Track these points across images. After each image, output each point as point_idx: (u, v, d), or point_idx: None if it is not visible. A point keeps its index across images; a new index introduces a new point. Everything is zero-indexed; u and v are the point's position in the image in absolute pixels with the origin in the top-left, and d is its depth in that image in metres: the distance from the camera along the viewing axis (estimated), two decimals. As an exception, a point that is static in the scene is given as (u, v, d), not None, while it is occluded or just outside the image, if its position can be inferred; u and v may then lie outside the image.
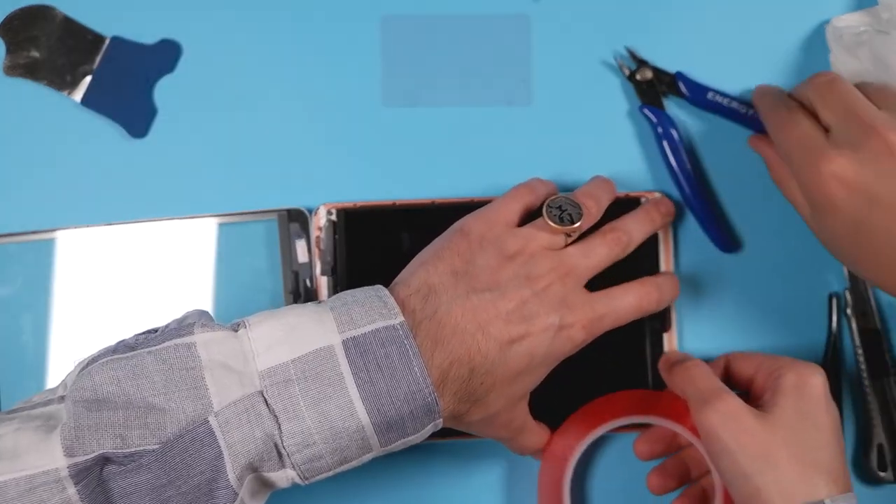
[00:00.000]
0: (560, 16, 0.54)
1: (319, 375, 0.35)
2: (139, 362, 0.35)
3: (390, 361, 0.36)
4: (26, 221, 0.52)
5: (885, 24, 0.50)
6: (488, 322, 0.40)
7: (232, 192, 0.53)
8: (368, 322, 0.37)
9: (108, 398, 0.34)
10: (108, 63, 0.53)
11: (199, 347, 0.36)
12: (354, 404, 0.35)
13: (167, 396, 0.34)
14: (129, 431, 0.34)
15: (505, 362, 0.40)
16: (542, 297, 0.41)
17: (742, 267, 0.53)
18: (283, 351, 0.36)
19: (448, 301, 0.40)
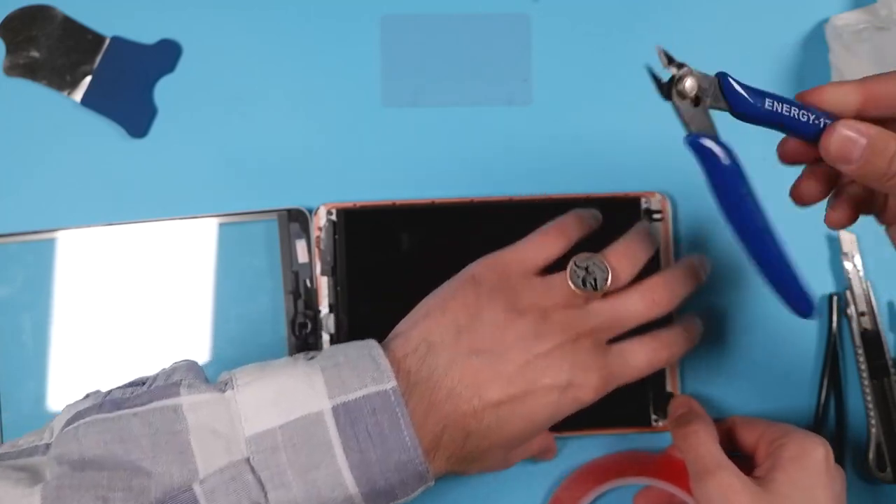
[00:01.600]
0: (560, 15, 0.54)
1: (308, 443, 0.34)
2: (125, 425, 0.34)
3: (381, 430, 0.35)
4: (26, 221, 0.52)
5: (885, 20, 0.50)
6: (486, 385, 0.38)
7: (232, 192, 0.53)
8: (360, 386, 0.36)
9: (94, 460, 0.34)
10: (108, 63, 0.53)
11: (186, 410, 0.34)
12: (343, 474, 0.34)
13: (154, 460, 0.33)
14: (112, 493, 0.33)
15: (501, 427, 0.38)
16: (550, 358, 0.39)
17: (742, 265, 0.53)
18: (271, 416, 0.35)
19: (446, 362, 0.38)
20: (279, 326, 0.52)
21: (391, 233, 0.51)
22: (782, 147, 0.40)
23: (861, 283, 0.52)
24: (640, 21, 0.54)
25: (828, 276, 0.53)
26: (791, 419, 0.53)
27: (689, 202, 0.53)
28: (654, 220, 0.52)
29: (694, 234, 0.53)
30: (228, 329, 0.52)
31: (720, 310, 0.53)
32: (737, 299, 0.53)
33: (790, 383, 0.53)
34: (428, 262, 0.51)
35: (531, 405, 0.38)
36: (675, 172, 0.53)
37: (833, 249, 0.53)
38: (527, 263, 0.42)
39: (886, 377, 0.51)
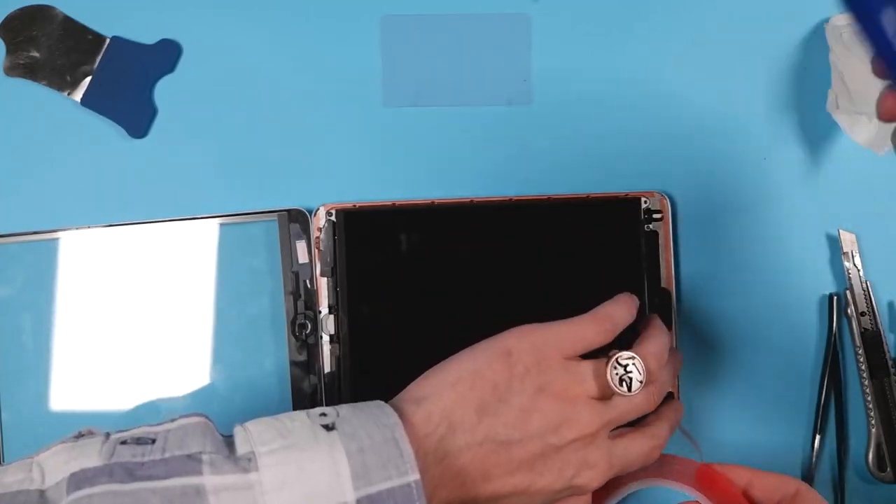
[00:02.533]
0: (560, 15, 0.54)
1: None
2: (143, 497, 0.32)
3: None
4: (26, 222, 0.52)
5: (885, 22, 0.50)
6: (494, 471, 0.38)
7: (232, 192, 0.53)
8: (384, 479, 0.35)
9: None
10: (108, 63, 0.53)
11: (209, 493, 0.33)
12: None
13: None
14: None
15: None
16: (564, 453, 0.40)
17: (742, 266, 0.53)
18: (294, 493, 0.34)
19: (462, 445, 0.38)
20: (279, 327, 0.52)
21: (391, 233, 0.51)
22: (884, 104, 0.39)
23: (861, 283, 0.52)
24: (640, 21, 0.54)
25: (828, 276, 0.53)
26: (791, 419, 0.53)
27: (689, 202, 0.53)
28: (654, 220, 0.52)
29: (694, 235, 0.53)
30: (229, 329, 0.52)
31: (720, 311, 0.53)
32: (737, 300, 0.53)
33: (790, 383, 0.53)
34: (428, 262, 0.52)
35: (532, 494, 0.39)
36: (674, 172, 0.53)
37: (833, 249, 0.53)
38: (567, 349, 0.41)
39: (886, 377, 0.51)
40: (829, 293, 0.53)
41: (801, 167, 0.54)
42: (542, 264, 0.52)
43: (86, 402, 0.52)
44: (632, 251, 0.52)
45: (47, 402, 0.52)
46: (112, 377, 0.52)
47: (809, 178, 0.54)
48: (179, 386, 0.52)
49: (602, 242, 0.52)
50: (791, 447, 0.53)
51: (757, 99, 0.54)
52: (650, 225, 0.52)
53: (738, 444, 0.52)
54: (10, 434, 0.51)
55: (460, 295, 0.52)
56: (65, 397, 0.52)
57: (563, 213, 0.52)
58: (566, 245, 0.52)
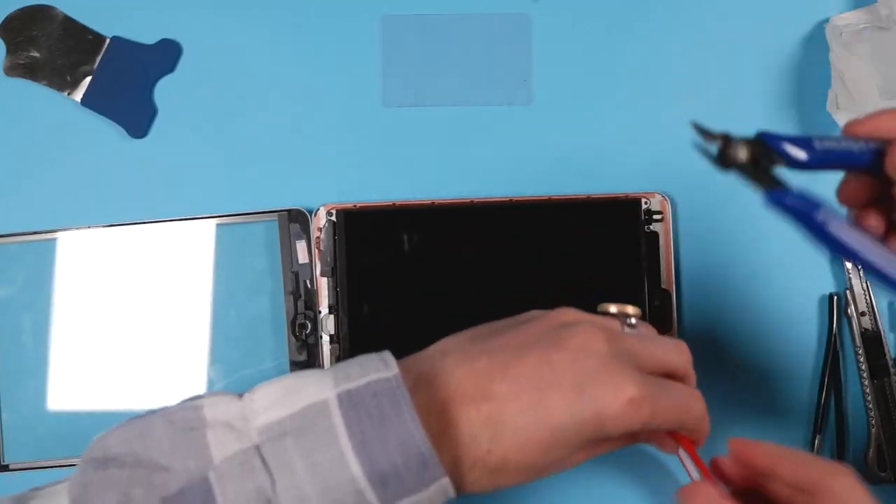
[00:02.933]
0: (560, 15, 0.54)
1: (313, 428, 0.35)
2: (148, 423, 0.36)
3: (381, 410, 0.35)
4: (26, 221, 0.52)
5: (885, 20, 0.50)
6: (493, 381, 0.36)
7: (232, 192, 0.53)
8: (363, 375, 0.36)
9: (116, 457, 0.35)
10: (108, 63, 0.53)
11: (206, 409, 0.36)
12: (345, 454, 0.34)
13: (172, 456, 0.35)
14: (133, 489, 0.34)
15: (514, 428, 0.36)
16: (572, 358, 0.37)
17: (742, 266, 0.53)
18: (280, 409, 0.36)
19: (455, 362, 0.37)
20: (279, 327, 0.52)
21: (391, 233, 0.51)
22: (842, 192, 0.40)
23: (861, 283, 0.52)
24: (640, 21, 0.54)
25: (828, 276, 0.53)
26: (791, 419, 0.53)
27: (689, 203, 0.53)
28: (655, 221, 0.52)
29: (694, 235, 0.53)
30: (228, 329, 0.52)
31: (720, 311, 0.53)
32: (737, 300, 0.53)
33: (790, 383, 0.53)
34: (428, 262, 0.52)
35: (544, 406, 0.36)
36: (675, 173, 0.53)
37: (833, 249, 0.53)
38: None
39: (886, 377, 0.51)
40: (829, 293, 0.53)
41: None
42: (543, 265, 0.52)
43: (86, 402, 0.52)
44: (632, 252, 0.52)
45: (47, 401, 0.52)
46: (112, 377, 0.52)
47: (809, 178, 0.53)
48: (179, 386, 0.52)
49: (602, 243, 0.52)
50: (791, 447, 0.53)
51: (757, 99, 0.54)
52: (650, 226, 0.52)
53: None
54: (9, 434, 0.51)
55: (460, 295, 0.52)
56: (65, 397, 0.52)
57: (563, 214, 0.52)
58: (566, 245, 0.52)
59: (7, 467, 0.51)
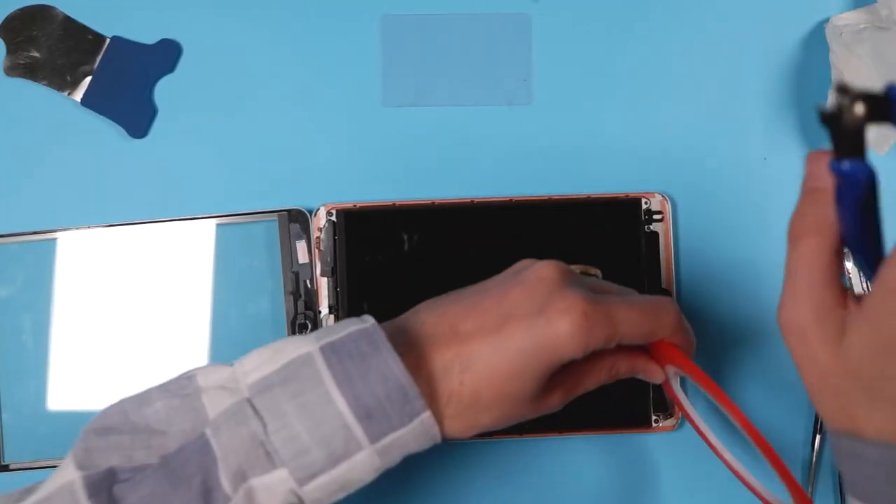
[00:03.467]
0: (560, 15, 0.54)
1: (298, 375, 0.37)
2: (145, 395, 0.38)
3: (360, 350, 0.37)
4: (26, 221, 0.52)
5: (885, 20, 0.50)
6: (460, 320, 0.39)
7: (232, 192, 0.53)
8: (343, 330, 0.38)
9: (115, 426, 0.37)
10: (108, 63, 0.53)
11: (198, 377, 0.39)
12: (331, 392, 0.36)
13: (169, 422, 0.37)
14: (134, 452, 0.37)
15: (484, 359, 0.38)
16: (527, 290, 0.39)
17: (742, 266, 0.53)
18: (267, 367, 0.38)
19: (426, 312, 0.40)
20: (279, 327, 0.52)
21: (391, 233, 0.51)
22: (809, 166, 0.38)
23: (861, 282, 0.52)
24: (640, 21, 0.54)
25: (828, 276, 0.53)
26: (791, 419, 0.53)
27: (689, 203, 0.53)
28: (655, 221, 0.52)
29: (694, 235, 0.53)
30: (228, 330, 0.52)
31: (720, 311, 0.53)
32: (737, 301, 0.53)
33: (790, 383, 0.53)
34: (428, 262, 0.52)
35: (505, 332, 0.38)
36: (675, 173, 0.53)
37: (833, 249, 0.53)
38: None
39: (886, 377, 0.51)
40: (829, 293, 0.53)
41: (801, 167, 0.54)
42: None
43: (86, 402, 0.52)
44: (632, 252, 0.52)
45: (47, 401, 0.52)
46: (112, 377, 0.52)
47: (809, 179, 0.54)
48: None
49: (602, 243, 0.52)
50: (791, 447, 0.53)
51: (757, 99, 0.54)
52: (650, 226, 0.52)
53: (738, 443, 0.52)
54: (10, 434, 0.51)
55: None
56: (65, 397, 0.52)
57: (563, 214, 0.52)
58: (567, 245, 0.52)
59: (7, 467, 0.51)
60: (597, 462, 0.53)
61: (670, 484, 0.53)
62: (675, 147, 0.54)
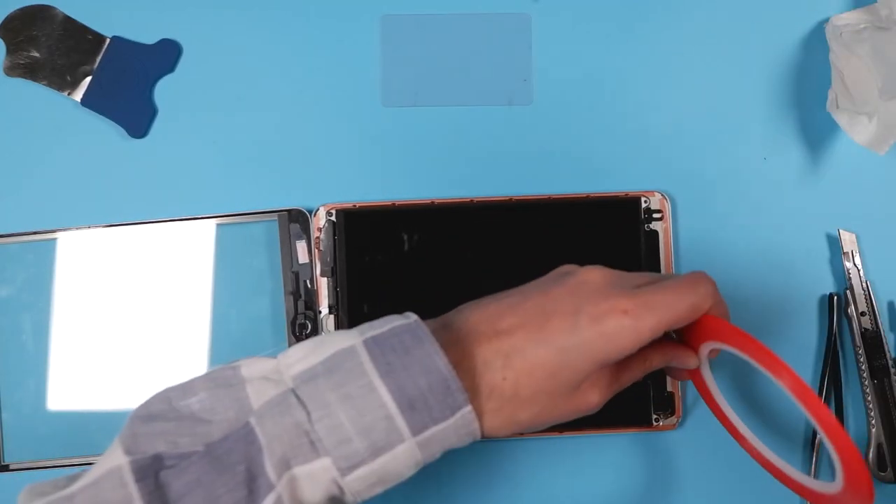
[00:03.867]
0: (560, 15, 0.54)
1: (341, 367, 0.37)
2: (190, 384, 0.39)
3: (403, 344, 0.38)
4: (26, 221, 0.52)
5: (885, 20, 0.51)
6: (500, 317, 0.40)
7: (232, 192, 0.53)
8: (385, 325, 0.39)
9: (161, 414, 0.38)
10: (108, 63, 0.53)
11: (242, 368, 0.39)
12: (374, 382, 0.37)
13: (213, 411, 0.38)
14: (180, 439, 0.37)
15: (523, 355, 0.39)
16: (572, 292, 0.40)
17: (742, 265, 0.53)
18: (311, 358, 0.38)
19: (468, 310, 0.41)
20: (279, 327, 0.52)
21: (391, 233, 0.51)
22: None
23: (861, 283, 0.52)
24: (640, 21, 0.54)
25: (828, 276, 0.53)
26: (791, 419, 0.53)
27: (688, 201, 0.53)
28: (654, 220, 0.52)
29: (693, 234, 0.53)
30: (229, 330, 0.52)
31: (720, 310, 0.53)
32: (736, 299, 0.53)
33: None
34: (428, 262, 0.52)
35: (548, 329, 0.39)
36: (675, 172, 0.53)
37: (833, 249, 0.53)
38: None
39: (886, 377, 0.51)
40: (829, 293, 0.53)
41: (801, 167, 0.54)
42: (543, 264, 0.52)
43: (86, 402, 0.52)
44: (632, 250, 0.52)
45: (47, 401, 0.52)
46: (112, 377, 0.52)
47: (809, 178, 0.54)
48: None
49: (602, 242, 0.52)
50: (791, 447, 0.53)
51: (757, 99, 0.54)
52: (650, 224, 0.52)
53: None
54: (10, 434, 0.51)
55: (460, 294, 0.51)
56: (65, 397, 0.52)
57: (563, 213, 0.52)
58: (566, 244, 0.52)
59: (7, 467, 0.51)
60: (597, 461, 0.53)
61: (671, 483, 0.53)
62: (676, 147, 0.54)
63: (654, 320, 0.39)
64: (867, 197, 0.53)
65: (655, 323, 0.39)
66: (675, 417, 0.52)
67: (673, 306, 0.40)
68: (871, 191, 0.53)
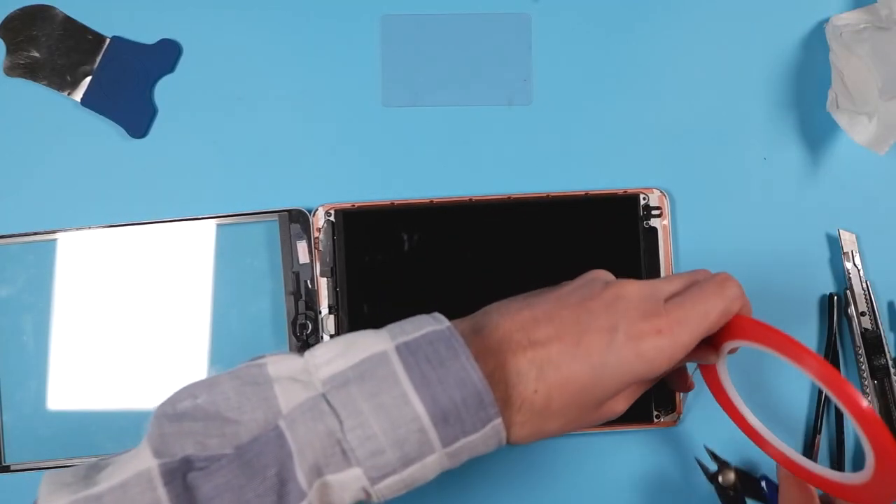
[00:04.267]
0: (560, 15, 0.54)
1: (374, 374, 0.37)
2: (215, 380, 0.38)
3: (438, 355, 0.37)
4: (26, 222, 0.52)
5: (885, 20, 0.51)
6: (536, 326, 0.39)
7: (232, 192, 0.53)
8: (417, 330, 0.38)
9: (187, 412, 0.37)
10: (108, 63, 0.53)
11: (269, 366, 0.38)
12: (408, 394, 0.36)
13: (240, 410, 0.37)
14: (208, 440, 0.36)
15: (558, 368, 0.38)
16: (608, 307, 0.39)
17: (743, 266, 0.53)
18: (341, 361, 0.38)
19: (498, 317, 0.40)
20: (280, 328, 0.52)
21: (390, 233, 0.52)
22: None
23: (861, 283, 0.52)
24: (640, 21, 0.54)
25: (828, 276, 0.53)
26: (791, 419, 0.53)
27: (687, 199, 0.53)
28: (654, 217, 0.52)
29: (693, 231, 0.53)
30: (229, 330, 0.52)
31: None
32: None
33: (790, 383, 0.53)
34: (427, 261, 0.52)
35: (584, 345, 0.38)
36: (674, 172, 0.53)
37: (833, 249, 0.53)
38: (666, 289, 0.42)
39: (886, 377, 0.51)
40: (829, 293, 0.53)
41: (801, 167, 0.54)
42: (542, 261, 0.52)
43: (86, 403, 0.52)
44: (631, 247, 0.52)
45: (48, 402, 0.52)
46: (113, 378, 0.52)
47: (809, 178, 0.54)
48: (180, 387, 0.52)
49: (601, 239, 0.52)
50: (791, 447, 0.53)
51: (757, 99, 0.54)
52: (649, 221, 0.52)
53: (739, 443, 0.52)
54: (10, 435, 0.51)
55: (460, 293, 0.52)
56: (65, 398, 0.52)
57: (562, 210, 0.52)
58: (566, 242, 0.52)
59: (8, 468, 0.51)
60: (598, 458, 0.53)
61: (672, 480, 0.53)
62: (676, 148, 0.54)
63: (688, 337, 0.39)
64: (867, 197, 0.53)
65: (689, 339, 0.39)
66: (676, 414, 0.52)
67: (706, 317, 0.40)
68: (871, 191, 0.53)
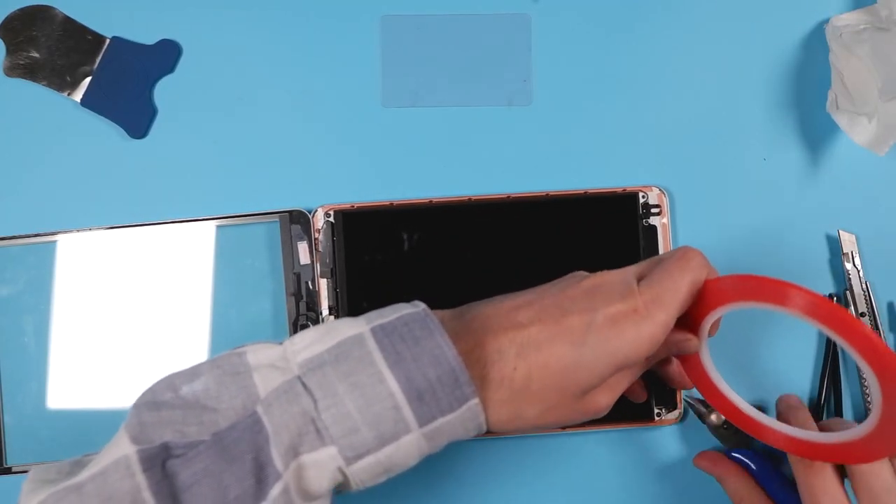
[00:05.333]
0: (560, 15, 0.54)
1: (349, 355, 0.37)
2: (196, 370, 0.38)
3: (413, 334, 0.37)
4: (26, 222, 0.52)
5: (885, 20, 0.51)
6: (517, 311, 0.40)
7: (233, 193, 0.53)
8: (394, 313, 0.39)
9: (167, 402, 0.38)
10: (108, 63, 0.53)
11: (249, 355, 0.39)
12: (383, 372, 0.37)
13: (219, 399, 0.37)
14: (187, 427, 0.37)
15: (539, 348, 0.39)
16: (588, 293, 0.40)
17: (742, 266, 0.53)
18: (318, 346, 0.38)
19: (482, 306, 0.41)
20: (281, 329, 0.52)
21: (390, 233, 0.52)
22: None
23: (861, 283, 0.52)
24: (640, 21, 0.54)
25: (828, 276, 0.53)
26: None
27: (687, 197, 0.53)
28: (653, 215, 0.52)
29: (692, 229, 0.53)
30: (229, 332, 0.52)
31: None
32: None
33: (790, 383, 0.53)
34: (427, 261, 0.52)
35: (565, 326, 0.39)
36: (673, 169, 0.53)
37: (833, 249, 0.53)
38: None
39: (886, 377, 0.51)
40: (829, 293, 0.53)
41: (801, 167, 0.54)
42: (542, 260, 0.52)
43: (87, 403, 0.52)
44: (630, 246, 0.52)
45: (49, 403, 0.52)
46: (113, 379, 0.52)
47: (809, 178, 0.54)
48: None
49: (601, 237, 0.52)
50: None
51: (757, 99, 0.54)
52: (648, 219, 0.52)
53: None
54: (11, 436, 0.51)
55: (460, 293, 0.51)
56: (66, 398, 0.52)
57: (561, 209, 0.52)
58: (565, 241, 0.52)
59: (9, 469, 0.51)
60: (599, 457, 0.53)
61: (674, 478, 0.53)
62: (676, 148, 0.54)
63: (664, 314, 0.39)
64: (867, 197, 0.53)
65: (666, 316, 0.39)
66: (678, 412, 0.52)
67: (677, 291, 0.40)
68: (871, 191, 0.53)
